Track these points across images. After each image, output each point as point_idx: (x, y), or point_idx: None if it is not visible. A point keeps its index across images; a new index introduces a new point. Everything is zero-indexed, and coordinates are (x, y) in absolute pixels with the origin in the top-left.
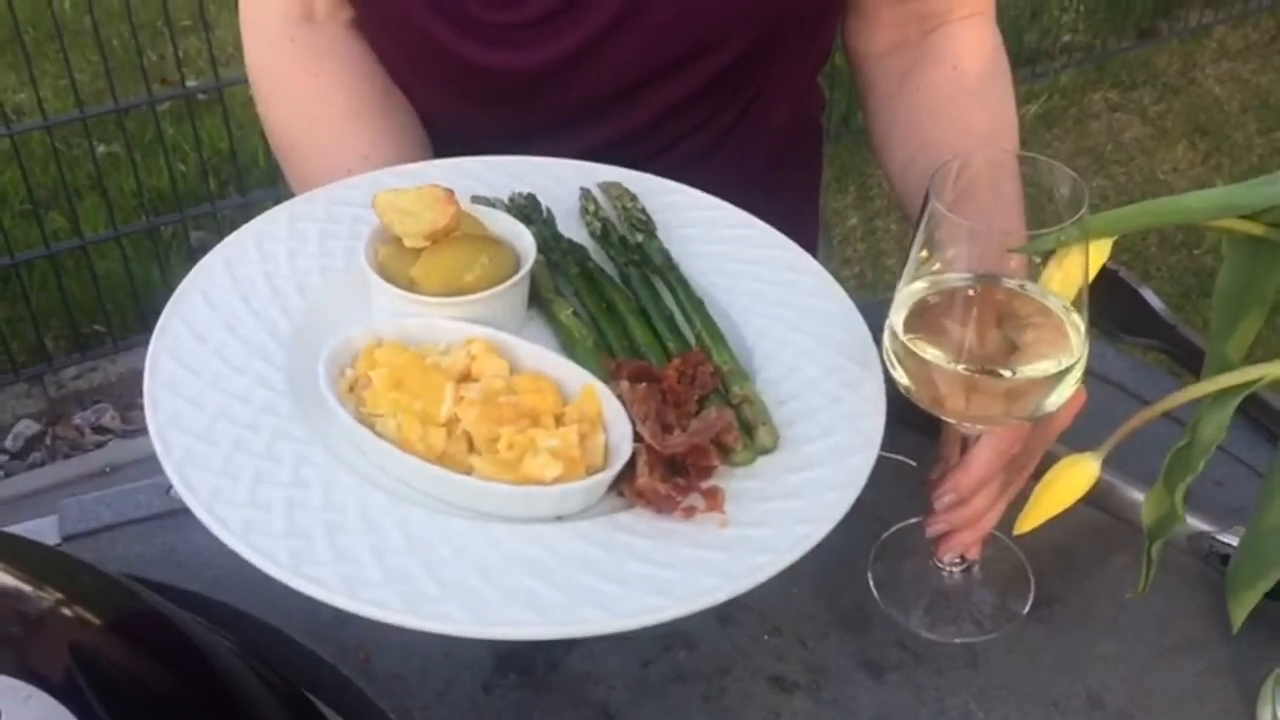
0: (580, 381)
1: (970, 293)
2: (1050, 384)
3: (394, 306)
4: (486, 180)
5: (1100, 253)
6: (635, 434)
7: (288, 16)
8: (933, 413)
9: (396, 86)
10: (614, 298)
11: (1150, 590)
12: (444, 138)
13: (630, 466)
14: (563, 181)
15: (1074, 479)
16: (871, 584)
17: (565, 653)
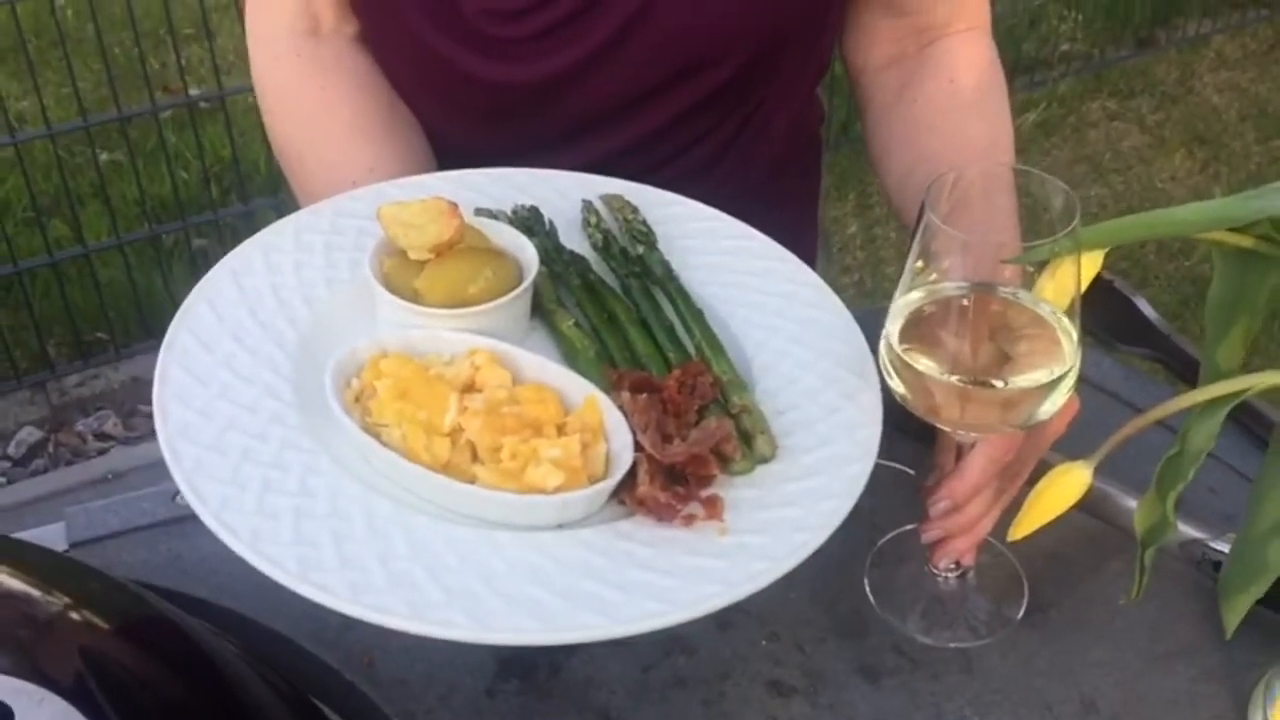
0: (582, 392)
1: (965, 303)
2: (1043, 393)
3: (399, 318)
4: (489, 193)
5: (1093, 264)
6: (636, 443)
7: (294, 31)
8: (928, 421)
9: (401, 100)
10: (615, 309)
11: (1143, 597)
12: (448, 150)
13: (631, 475)
14: (564, 194)
15: (1067, 487)
16: (868, 590)
17: (567, 658)
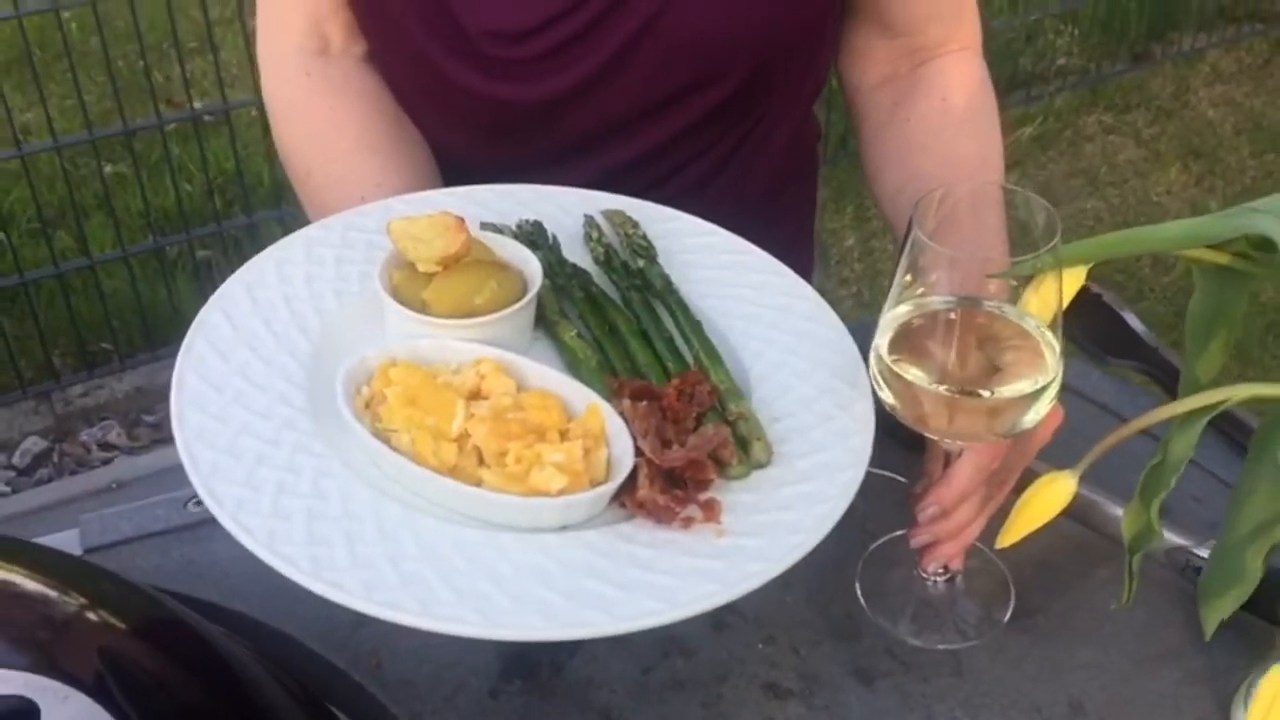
0: (584, 399)
1: (951, 316)
2: (1027, 403)
3: (407, 328)
4: (495, 208)
5: (1075, 279)
6: (636, 449)
7: (304, 51)
8: (916, 430)
9: (407, 118)
10: (616, 320)
11: (1130, 602)
12: (453, 167)
13: (631, 479)
14: (567, 209)
15: (1053, 495)
16: (859, 593)
17: (569, 659)
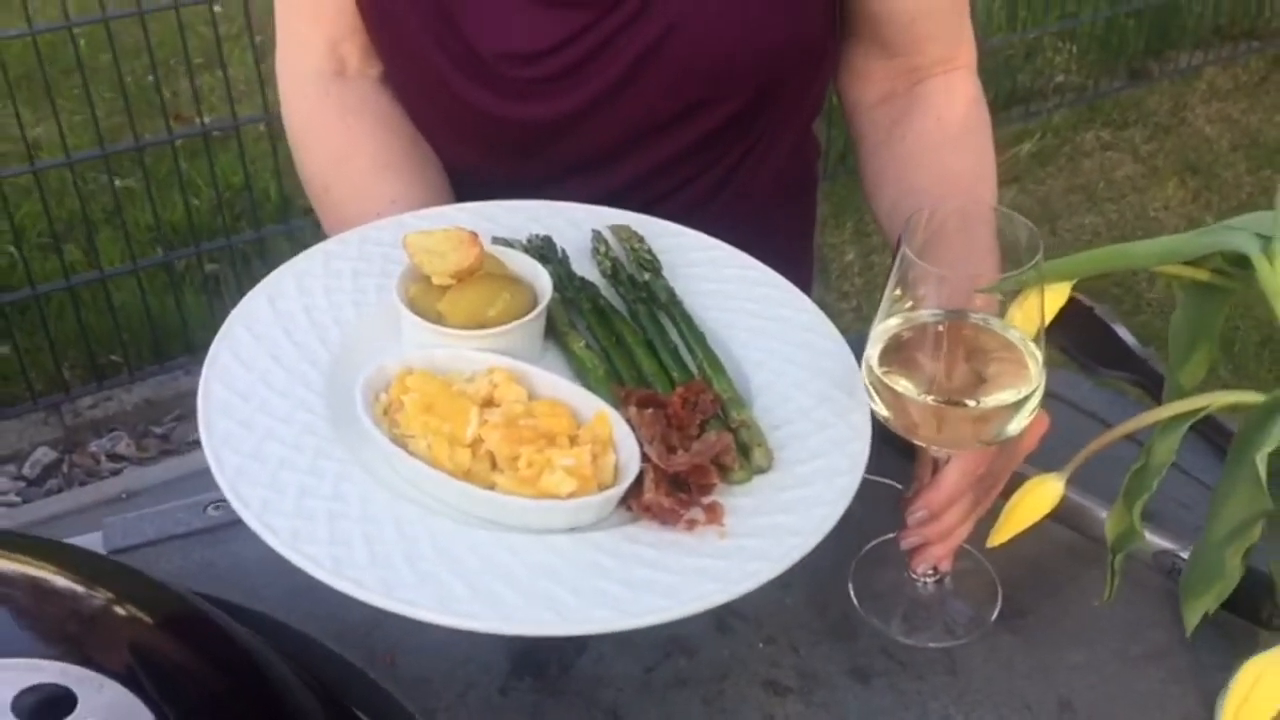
0: (592, 407)
1: (939, 329)
2: (1011, 412)
3: (423, 338)
4: (506, 223)
5: (1059, 294)
6: (642, 454)
7: (322, 73)
8: (906, 438)
9: (422, 137)
10: (623, 331)
11: (1117, 602)
12: (466, 183)
13: (638, 483)
14: (576, 224)
15: (1041, 496)
16: (852, 594)
17: (576, 658)
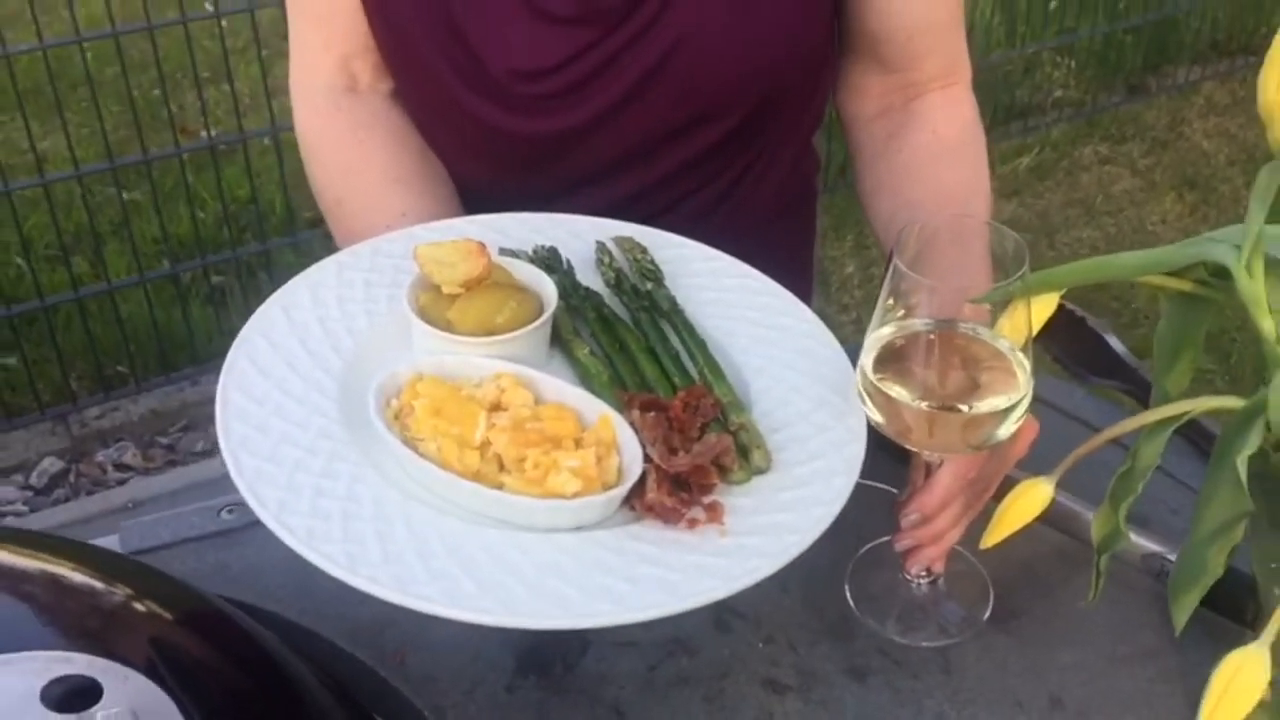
0: (597, 411)
1: (931, 338)
2: (1000, 418)
3: (433, 345)
4: (513, 235)
5: (1047, 304)
6: (645, 456)
7: (334, 88)
8: (899, 443)
9: (432, 151)
10: (626, 338)
11: (1107, 604)
12: (474, 196)
13: (641, 483)
14: (580, 236)
15: (1031, 499)
16: (849, 595)
17: (580, 656)
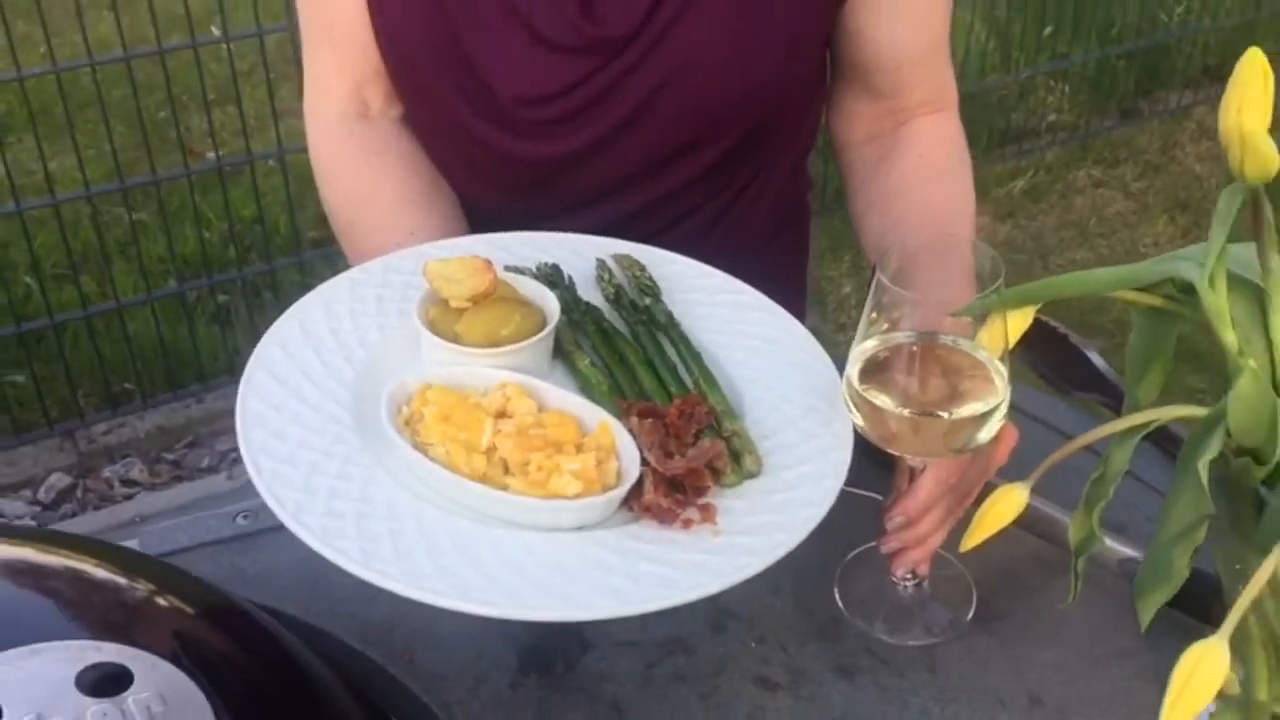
0: (597, 418)
1: (913, 349)
2: (979, 422)
3: (441, 356)
4: (517, 252)
5: (1024, 317)
6: (642, 459)
7: (347, 115)
8: (883, 448)
9: (440, 174)
10: (625, 351)
11: (1084, 607)
12: (480, 216)
13: (638, 486)
14: (581, 253)
15: (1008, 504)
16: (838, 597)
17: (581, 655)
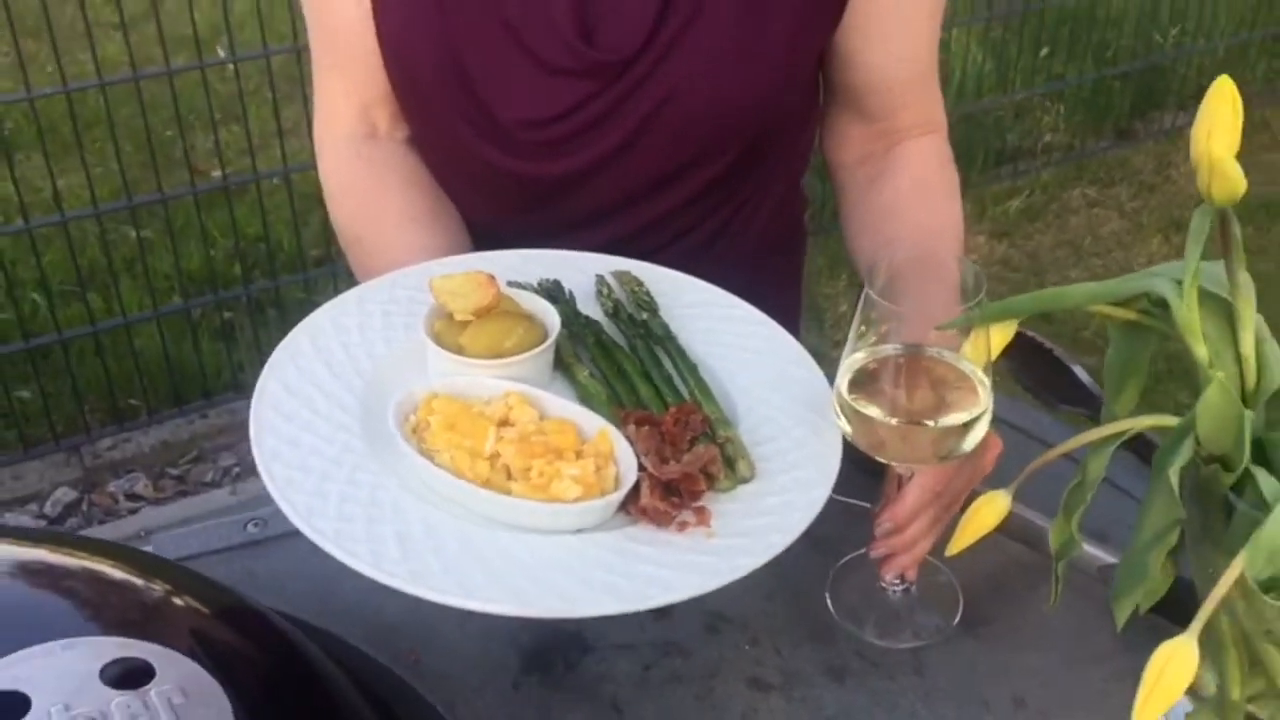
0: (596, 425)
1: (900, 361)
2: (964, 430)
3: (447, 368)
4: (519, 268)
5: (1006, 330)
6: (639, 465)
7: (354, 136)
8: (871, 456)
9: (445, 193)
10: (623, 363)
11: (1066, 612)
12: (483, 234)
13: (636, 490)
14: (582, 269)
15: (991, 510)
16: (829, 602)
17: (581, 657)
